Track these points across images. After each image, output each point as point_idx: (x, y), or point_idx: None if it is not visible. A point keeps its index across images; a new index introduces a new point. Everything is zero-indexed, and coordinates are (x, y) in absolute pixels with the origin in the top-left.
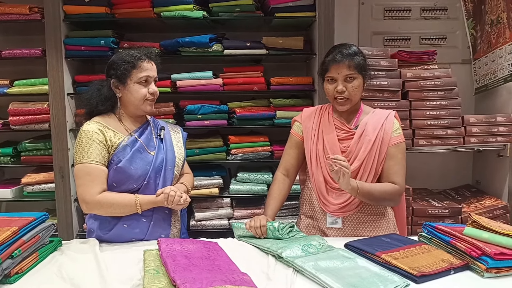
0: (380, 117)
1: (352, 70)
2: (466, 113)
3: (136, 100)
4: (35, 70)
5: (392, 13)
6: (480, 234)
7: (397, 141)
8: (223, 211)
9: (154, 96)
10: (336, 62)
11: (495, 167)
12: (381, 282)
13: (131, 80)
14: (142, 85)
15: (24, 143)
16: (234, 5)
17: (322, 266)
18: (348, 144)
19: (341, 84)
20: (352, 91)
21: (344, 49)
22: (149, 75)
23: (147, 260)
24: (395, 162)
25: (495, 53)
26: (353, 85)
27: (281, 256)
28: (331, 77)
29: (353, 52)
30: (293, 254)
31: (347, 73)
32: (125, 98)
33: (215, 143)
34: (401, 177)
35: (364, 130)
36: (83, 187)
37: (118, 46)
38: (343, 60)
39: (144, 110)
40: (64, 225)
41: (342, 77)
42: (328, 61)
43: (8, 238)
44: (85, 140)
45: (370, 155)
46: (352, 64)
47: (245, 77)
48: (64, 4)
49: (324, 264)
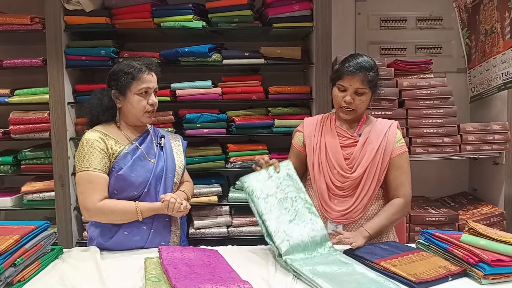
0: (383, 127)
1: (365, 85)
2: (461, 121)
3: (136, 111)
4: (36, 79)
5: (388, 23)
6: (477, 241)
7: (401, 152)
8: (222, 219)
9: (154, 107)
10: (351, 74)
11: (491, 175)
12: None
13: (131, 92)
14: (142, 96)
15: (24, 151)
16: (232, 15)
17: (319, 271)
18: (351, 151)
19: (350, 96)
20: (359, 103)
21: (362, 62)
22: (149, 86)
23: (148, 268)
24: (401, 172)
25: (489, 62)
26: (361, 99)
27: (281, 254)
28: (343, 86)
29: (369, 67)
30: (293, 255)
31: (359, 86)
32: (125, 109)
33: (214, 151)
34: (407, 187)
35: (367, 138)
36: (85, 194)
37: (118, 56)
38: (359, 73)
39: (143, 121)
40: (64, 233)
41: (353, 89)
42: (344, 70)
43: (10, 246)
44: (87, 148)
45: (373, 163)
46: (366, 79)
47: (244, 86)
48: (65, 14)
49: (321, 269)
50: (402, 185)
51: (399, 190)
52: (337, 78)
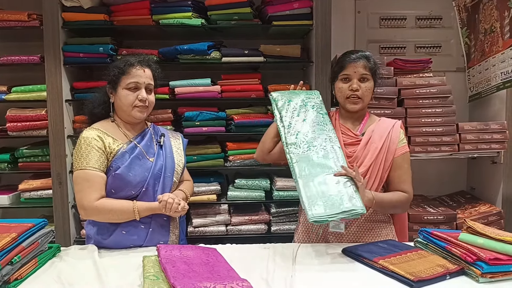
0: (386, 126)
1: (367, 70)
2: (460, 120)
3: (124, 106)
4: (33, 76)
5: (388, 22)
6: (475, 239)
7: (403, 152)
8: (221, 217)
9: (145, 103)
10: (353, 60)
11: (489, 174)
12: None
13: (121, 86)
14: (130, 91)
15: (21, 149)
16: (232, 13)
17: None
18: (354, 149)
19: (355, 83)
20: (365, 91)
21: (361, 52)
22: (138, 81)
23: (146, 266)
24: (403, 172)
25: (489, 62)
26: (366, 86)
27: (287, 143)
28: (347, 74)
29: (368, 55)
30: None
31: (363, 72)
32: (116, 103)
33: (213, 149)
34: (409, 185)
35: (371, 137)
36: (82, 193)
37: (117, 53)
38: (360, 59)
39: (134, 116)
40: (61, 231)
41: (357, 76)
42: (345, 60)
43: (7, 244)
44: (84, 146)
45: (376, 162)
46: (368, 65)
47: (243, 84)
48: (63, 11)
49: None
50: (403, 183)
51: (402, 188)
52: (340, 69)
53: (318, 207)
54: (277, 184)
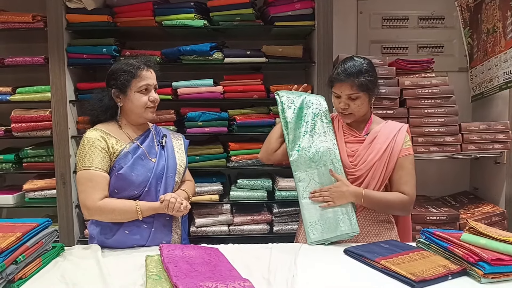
0: (393, 128)
1: (355, 90)
2: (463, 120)
3: (138, 108)
4: (37, 77)
5: (390, 22)
6: (477, 240)
7: (407, 153)
8: (223, 217)
9: (155, 104)
10: (339, 81)
11: (492, 174)
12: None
13: (132, 90)
14: (142, 93)
15: (26, 149)
16: (234, 14)
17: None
18: (356, 148)
19: (343, 102)
20: (355, 108)
21: (350, 67)
22: (149, 83)
23: (149, 266)
24: (405, 173)
25: (491, 62)
26: (356, 103)
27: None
28: (335, 93)
29: (356, 72)
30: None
31: (349, 92)
32: (126, 107)
33: (216, 150)
34: (410, 187)
35: (375, 138)
36: (85, 193)
37: (120, 54)
38: (346, 80)
39: (146, 117)
40: (65, 231)
41: (344, 95)
42: (333, 78)
43: (12, 243)
44: (88, 147)
45: (379, 163)
46: (355, 84)
47: (245, 85)
48: (67, 12)
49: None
50: (404, 185)
51: (403, 189)
52: (330, 85)
53: (317, 232)
54: (279, 184)
